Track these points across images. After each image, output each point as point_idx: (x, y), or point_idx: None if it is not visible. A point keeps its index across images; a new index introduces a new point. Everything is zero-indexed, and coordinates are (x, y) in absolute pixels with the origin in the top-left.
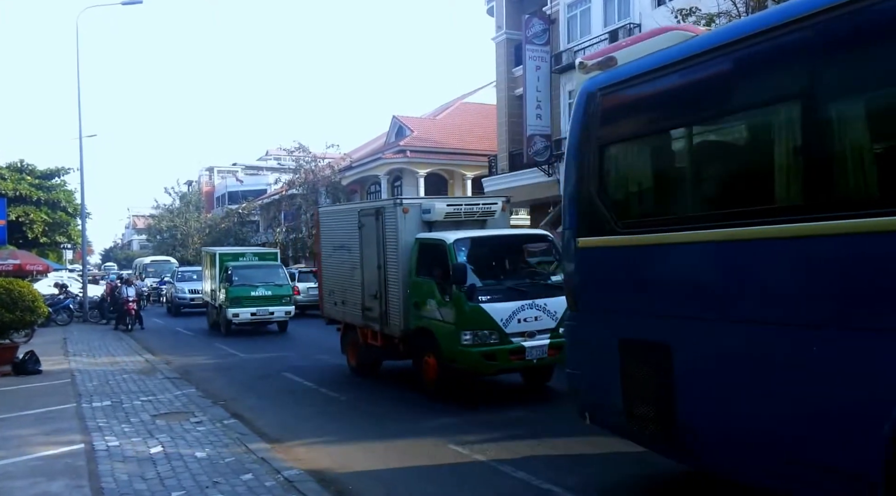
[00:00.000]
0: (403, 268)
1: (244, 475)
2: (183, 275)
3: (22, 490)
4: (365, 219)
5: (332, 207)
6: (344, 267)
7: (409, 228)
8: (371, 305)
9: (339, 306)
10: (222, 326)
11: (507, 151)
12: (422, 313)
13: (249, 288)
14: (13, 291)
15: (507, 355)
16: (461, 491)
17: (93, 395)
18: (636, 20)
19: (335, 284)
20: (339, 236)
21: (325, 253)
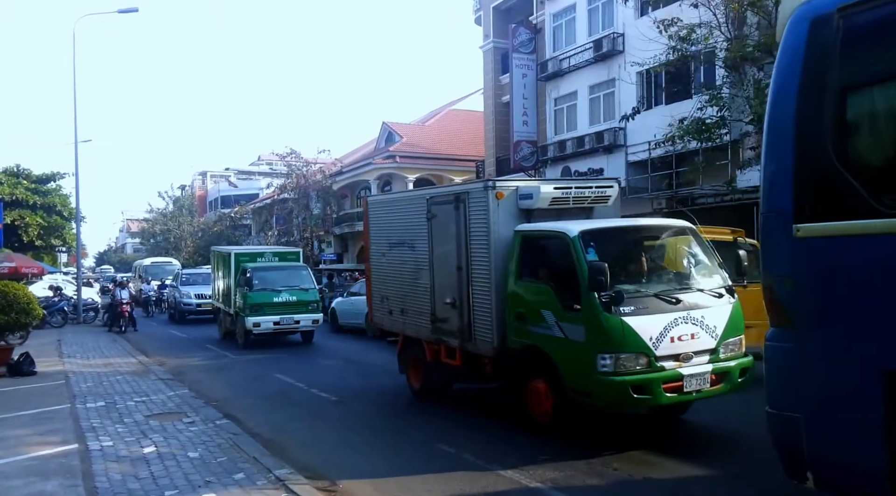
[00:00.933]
0: (498, 270)
1: (236, 474)
2: (187, 278)
3: (17, 489)
4: (438, 208)
5: (388, 195)
6: (404, 268)
7: (503, 219)
8: (446, 316)
9: (397, 316)
10: (239, 336)
11: (494, 157)
12: (529, 327)
13: (272, 293)
14: (8, 294)
15: (661, 387)
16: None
17: (87, 396)
18: (619, 30)
19: (391, 289)
20: (398, 230)
21: (375, 251)
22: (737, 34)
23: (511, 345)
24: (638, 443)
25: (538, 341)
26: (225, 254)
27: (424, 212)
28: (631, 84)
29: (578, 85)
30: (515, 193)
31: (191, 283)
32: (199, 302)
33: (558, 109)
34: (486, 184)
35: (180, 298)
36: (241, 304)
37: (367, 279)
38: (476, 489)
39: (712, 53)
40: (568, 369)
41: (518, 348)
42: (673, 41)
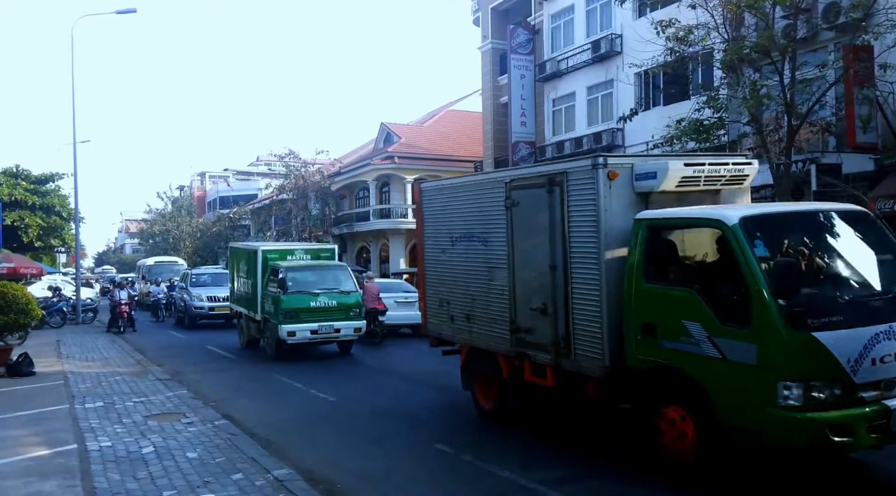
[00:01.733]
0: (610, 270)
1: (235, 475)
2: (198, 279)
3: (15, 489)
4: (522, 193)
5: (451, 180)
6: (472, 267)
7: (616, 205)
8: (531, 325)
9: (460, 323)
10: (268, 346)
11: (493, 157)
12: (662, 343)
13: (308, 296)
14: (7, 294)
15: (865, 426)
16: (448, 488)
17: (86, 397)
18: (617, 31)
19: (453, 292)
20: (464, 222)
21: (432, 247)
22: (734, 35)
23: (632, 364)
24: None
25: (677, 361)
26: (250, 252)
27: (501, 199)
28: (629, 85)
29: (576, 86)
30: (630, 173)
31: (201, 285)
32: (212, 305)
33: (556, 110)
34: (596, 161)
35: (190, 301)
36: (272, 310)
37: (419, 280)
38: (476, 489)
39: (710, 55)
40: (726, 399)
41: (644, 369)
42: (671, 42)
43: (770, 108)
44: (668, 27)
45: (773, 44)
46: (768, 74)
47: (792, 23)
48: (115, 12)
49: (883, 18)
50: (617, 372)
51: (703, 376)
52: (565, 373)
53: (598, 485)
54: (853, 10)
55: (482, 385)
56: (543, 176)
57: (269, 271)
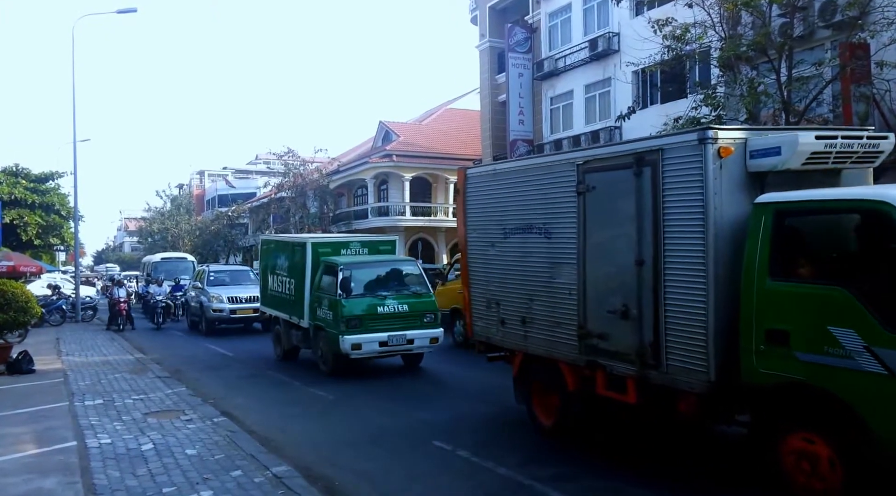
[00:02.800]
0: (720, 264)
1: (234, 471)
2: (216, 277)
3: (15, 486)
4: (599, 177)
5: (503, 163)
6: (530, 262)
7: (727, 187)
8: (608, 330)
9: (514, 327)
10: (323, 360)
11: (491, 156)
12: (797, 354)
13: (376, 300)
14: (7, 292)
15: None
16: (446, 485)
17: (85, 394)
18: (615, 29)
19: (505, 291)
20: (520, 211)
21: (478, 240)
22: (731, 34)
23: (751, 380)
24: None
25: (819, 377)
26: (294, 245)
27: (571, 183)
28: (626, 83)
29: (574, 84)
30: (743, 149)
31: (220, 284)
32: (234, 307)
33: (554, 108)
34: (704, 134)
35: (208, 303)
36: (329, 316)
37: (462, 278)
38: (473, 485)
39: (707, 53)
40: (892, 427)
41: (768, 385)
42: (668, 41)
43: (767, 106)
44: (665, 25)
45: (769, 42)
46: (765, 72)
47: (788, 21)
48: (116, 12)
49: (879, 16)
50: (724, 388)
51: (856, 397)
52: (652, 387)
53: (596, 483)
54: (849, 8)
55: (540, 398)
56: (630, 155)
57: (321, 269)
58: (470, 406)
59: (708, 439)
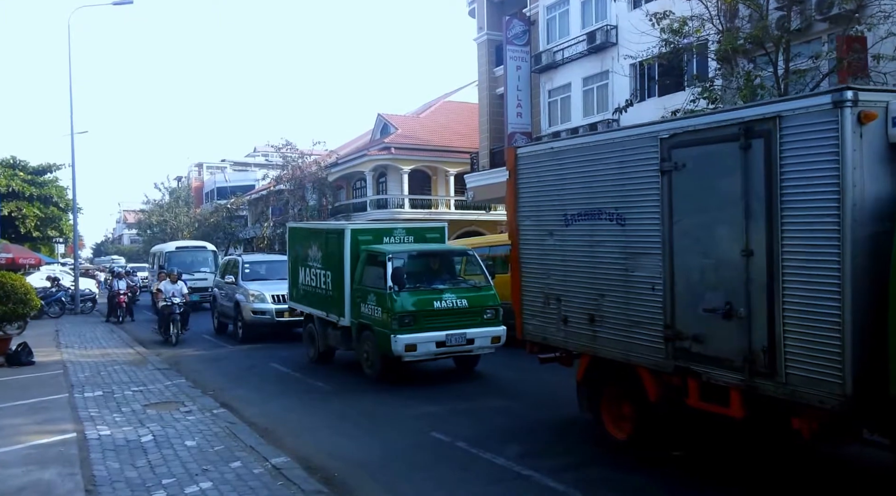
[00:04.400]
0: (858, 254)
1: (233, 463)
2: (252, 269)
3: (15, 478)
4: (689, 152)
5: (563, 141)
6: (600, 252)
7: (867, 161)
8: (705, 330)
9: (578, 326)
10: (370, 364)
11: (489, 148)
12: None
13: (431, 295)
14: (6, 284)
15: None
16: (444, 476)
17: (85, 386)
18: (613, 22)
19: (567, 285)
20: (586, 194)
21: (533, 228)
22: (728, 27)
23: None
24: None
25: None
26: (329, 233)
27: (653, 160)
28: (624, 76)
29: (572, 77)
30: (885, 114)
31: (257, 278)
32: (280, 308)
33: (552, 101)
34: (841, 96)
35: (246, 302)
36: (378, 313)
37: (512, 271)
38: (470, 475)
39: (704, 46)
40: None
41: None
42: (665, 34)
43: (764, 99)
44: (663, 18)
45: (766, 35)
46: (762, 65)
47: (786, 14)
48: (112, 3)
49: (876, 9)
50: (863, 403)
51: None
52: (764, 399)
53: (595, 473)
54: (846, 2)
55: (611, 407)
56: (735, 124)
57: (362, 259)
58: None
59: (821, 461)
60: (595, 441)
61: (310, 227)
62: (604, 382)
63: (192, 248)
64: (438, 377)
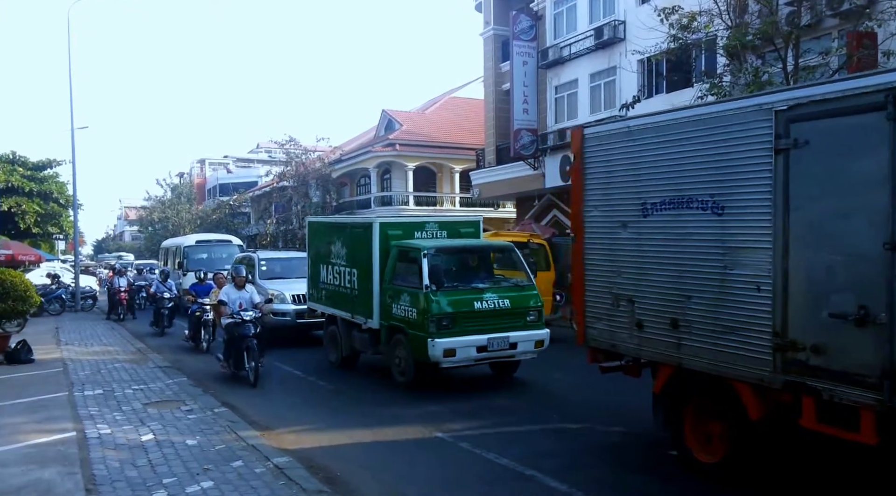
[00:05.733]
0: None
1: (234, 462)
2: (269, 267)
3: (14, 477)
4: (813, 127)
5: (643, 119)
6: (688, 246)
7: None
8: (828, 340)
9: (655, 332)
10: (402, 370)
11: (495, 145)
12: None
13: (471, 294)
14: (6, 281)
15: None
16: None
17: (85, 384)
18: (621, 17)
19: (643, 285)
20: (671, 179)
21: (601, 219)
22: (737, 22)
23: None
24: None
25: None
26: (356, 227)
27: (764, 138)
28: (632, 72)
29: (579, 73)
30: None
31: (274, 276)
32: (300, 309)
33: (559, 97)
34: None
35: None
36: (412, 315)
37: (575, 268)
38: (473, 476)
39: (713, 42)
40: None
41: None
42: (674, 29)
43: None
44: (671, 14)
45: (776, 30)
46: (771, 61)
47: (795, 9)
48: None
49: (887, 5)
50: None
51: None
52: None
53: (598, 473)
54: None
55: (697, 425)
56: (881, 90)
57: (393, 255)
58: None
59: None
60: (598, 442)
61: (333, 221)
62: (688, 397)
63: (215, 243)
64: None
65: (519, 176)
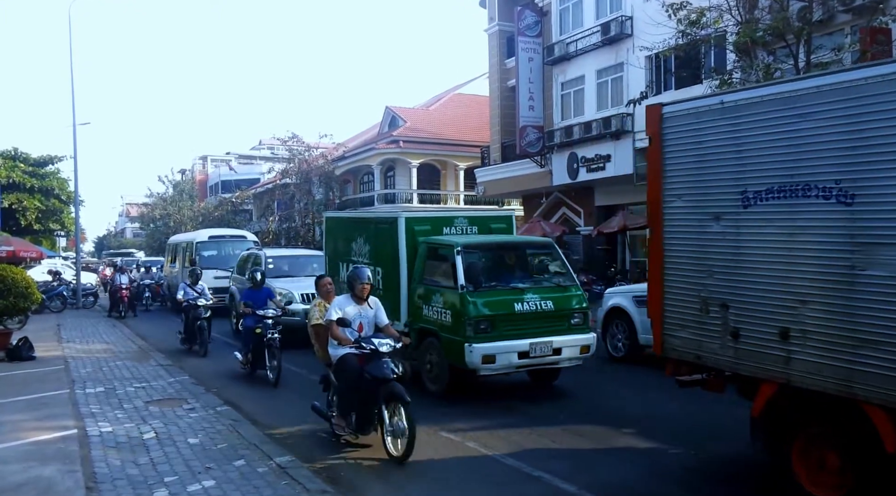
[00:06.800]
0: None
1: (236, 461)
2: (276, 265)
3: (15, 474)
4: None
5: (736, 94)
6: (802, 241)
7: None
8: None
9: (765, 343)
10: (435, 378)
11: (500, 142)
12: None
13: (511, 295)
14: (7, 278)
15: None
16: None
17: (86, 382)
18: (628, 13)
19: (741, 288)
20: (777, 164)
21: (687, 210)
22: (748, 18)
23: None
24: None
25: None
26: (380, 223)
27: None
28: (639, 68)
29: (586, 69)
30: None
31: (281, 275)
32: (308, 308)
33: (565, 94)
34: None
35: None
36: (448, 318)
37: (652, 266)
38: (481, 476)
39: (723, 37)
40: None
41: None
42: (682, 25)
43: None
44: (679, 9)
45: (787, 26)
46: (782, 58)
47: (807, 4)
48: None
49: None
50: None
51: None
52: None
53: (606, 475)
54: None
55: (809, 453)
56: None
57: (421, 253)
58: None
59: None
60: (608, 444)
61: (353, 216)
62: (801, 420)
63: (228, 239)
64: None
65: (525, 173)
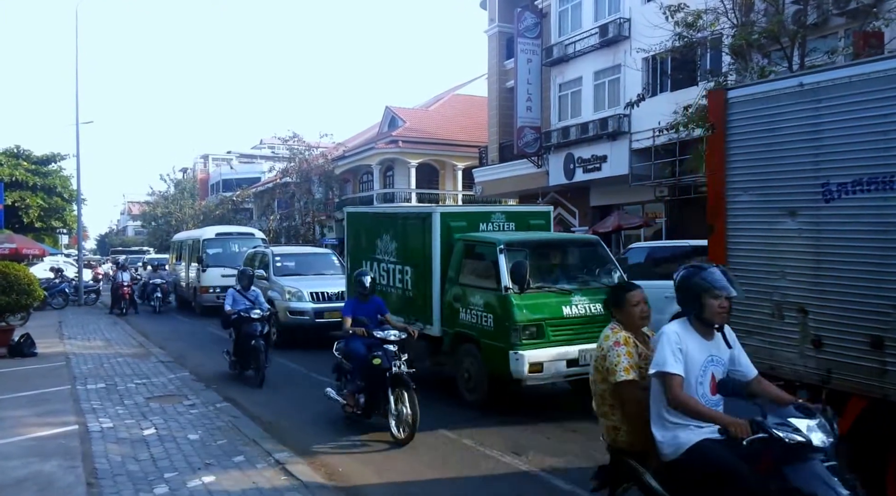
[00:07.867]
0: None
1: (236, 457)
2: (283, 263)
3: (16, 470)
4: None
5: (819, 73)
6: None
7: None
8: None
9: (854, 353)
10: (471, 387)
11: (498, 143)
12: None
13: (559, 297)
14: (9, 275)
15: None
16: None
17: (87, 378)
18: (626, 15)
19: (824, 291)
20: (867, 153)
21: (754, 204)
22: (743, 21)
23: None
24: None
25: None
26: (410, 218)
27: None
28: (636, 70)
29: (583, 71)
30: None
31: (289, 273)
32: (319, 307)
33: (563, 95)
34: None
35: (282, 301)
36: (490, 323)
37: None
38: (478, 472)
39: (718, 40)
40: None
41: None
42: (679, 27)
43: None
44: (676, 12)
45: (782, 29)
46: (777, 60)
47: (802, 8)
48: None
49: (894, 4)
50: None
51: None
52: None
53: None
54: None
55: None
56: None
57: (457, 251)
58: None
59: None
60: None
61: (379, 211)
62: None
63: (236, 236)
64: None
65: (522, 174)
